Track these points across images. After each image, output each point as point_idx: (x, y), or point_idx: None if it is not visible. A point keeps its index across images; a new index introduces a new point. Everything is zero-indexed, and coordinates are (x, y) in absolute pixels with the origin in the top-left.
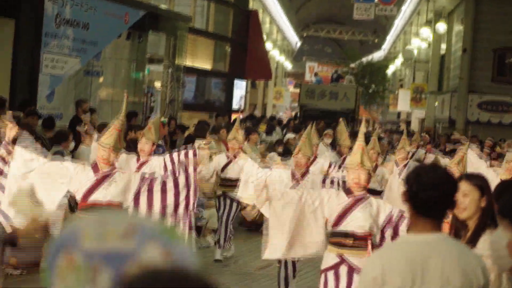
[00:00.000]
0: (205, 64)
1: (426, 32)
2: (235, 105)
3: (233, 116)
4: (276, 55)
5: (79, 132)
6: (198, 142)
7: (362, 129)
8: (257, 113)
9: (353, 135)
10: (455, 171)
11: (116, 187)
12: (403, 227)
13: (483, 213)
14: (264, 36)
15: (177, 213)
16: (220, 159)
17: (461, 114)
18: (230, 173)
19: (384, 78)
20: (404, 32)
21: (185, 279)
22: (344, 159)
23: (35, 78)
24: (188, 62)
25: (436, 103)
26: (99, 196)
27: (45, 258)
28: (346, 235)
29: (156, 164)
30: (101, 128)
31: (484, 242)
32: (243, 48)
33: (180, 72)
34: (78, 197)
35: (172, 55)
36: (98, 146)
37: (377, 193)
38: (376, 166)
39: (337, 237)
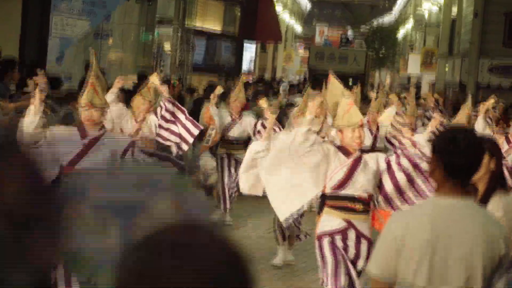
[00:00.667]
0: (215, 26)
1: None
2: (244, 68)
3: (243, 79)
4: (286, 17)
5: None
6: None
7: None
8: (267, 76)
9: (364, 100)
10: None
11: (104, 154)
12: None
13: (493, 175)
14: None
15: None
16: (224, 119)
17: (471, 78)
18: (234, 133)
19: (394, 42)
20: None
21: (197, 232)
22: None
23: (44, 41)
24: (198, 24)
25: (447, 67)
26: (87, 164)
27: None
28: (353, 199)
29: (151, 124)
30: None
31: (494, 204)
32: (253, 10)
33: (190, 34)
34: (64, 163)
35: (182, 17)
36: (80, 109)
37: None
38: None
39: (341, 201)
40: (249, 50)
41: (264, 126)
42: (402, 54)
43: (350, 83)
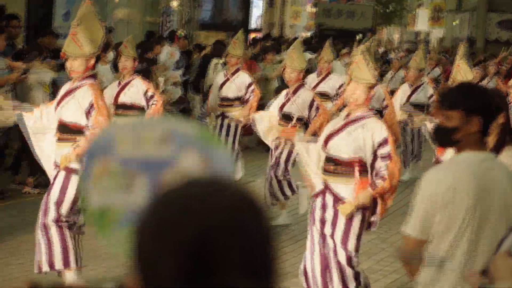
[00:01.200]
0: None
1: None
2: (252, 25)
3: (251, 36)
4: None
5: None
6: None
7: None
8: (274, 33)
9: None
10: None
11: (68, 108)
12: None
13: (502, 129)
14: None
15: None
16: (218, 78)
17: (480, 33)
18: (227, 91)
19: None
20: None
21: (223, 188)
22: None
23: None
24: None
25: (455, 22)
26: (57, 115)
27: (80, 164)
28: (329, 160)
29: (137, 91)
30: (117, 47)
31: (505, 158)
32: None
33: None
34: None
35: None
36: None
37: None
38: None
39: (324, 162)
40: (257, 6)
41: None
42: (410, 9)
43: (358, 39)
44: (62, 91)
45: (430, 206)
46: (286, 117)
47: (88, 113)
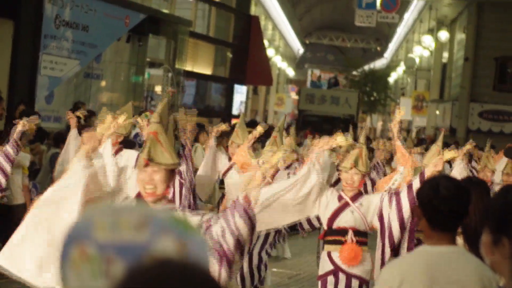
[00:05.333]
0: (206, 69)
1: (428, 40)
2: (235, 111)
3: (233, 122)
4: (278, 61)
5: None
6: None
7: (364, 134)
8: (259, 119)
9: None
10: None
11: None
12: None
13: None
14: (266, 42)
15: None
16: (223, 163)
17: (462, 123)
18: (232, 177)
19: (386, 86)
20: (406, 40)
21: (195, 274)
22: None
23: (33, 79)
24: (189, 67)
25: (437, 112)
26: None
27: (57, 249)
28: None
29: (128, 158)
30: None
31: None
32: (244, 53)
33: (180, 76)
34: None
35: (173, 59)
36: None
37: None
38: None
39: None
40: (240, 92)
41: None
42: (394, 98)
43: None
44: None
45: None
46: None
47: None
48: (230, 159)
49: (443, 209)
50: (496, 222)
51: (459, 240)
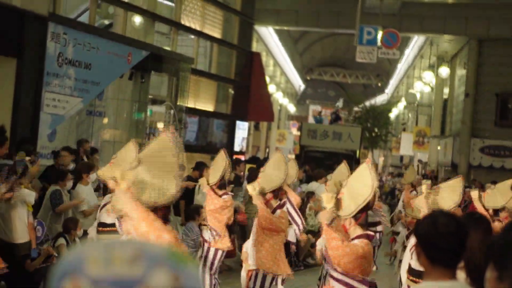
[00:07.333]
0: (208, 106)
1: (429, 76)
2: (237, 147)
3: (235, 158)
4: (279, 97)
5: (79, 171)
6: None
7: None
8: (260, 155)
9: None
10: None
11: None
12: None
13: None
14: (268, 79)
15: None
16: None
17: (463, 158)
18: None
19: (387, 122)
20: (407, 76)
21: None
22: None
23: (36, 117)
24: (190, 103)
25: (439, 147)
26: None
27: (49, 284)
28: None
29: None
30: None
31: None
32: (245, 90)
33: (182, 113)
34: None
35: (175, 96)
36: None
37: None
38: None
39: None
40: (242, 128)
41: None
42: (395, 134)
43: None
44: None
45: None
46: None
47: None
48: None
49: (442, 246)
50: (500, 258)
51: (461, 274)
